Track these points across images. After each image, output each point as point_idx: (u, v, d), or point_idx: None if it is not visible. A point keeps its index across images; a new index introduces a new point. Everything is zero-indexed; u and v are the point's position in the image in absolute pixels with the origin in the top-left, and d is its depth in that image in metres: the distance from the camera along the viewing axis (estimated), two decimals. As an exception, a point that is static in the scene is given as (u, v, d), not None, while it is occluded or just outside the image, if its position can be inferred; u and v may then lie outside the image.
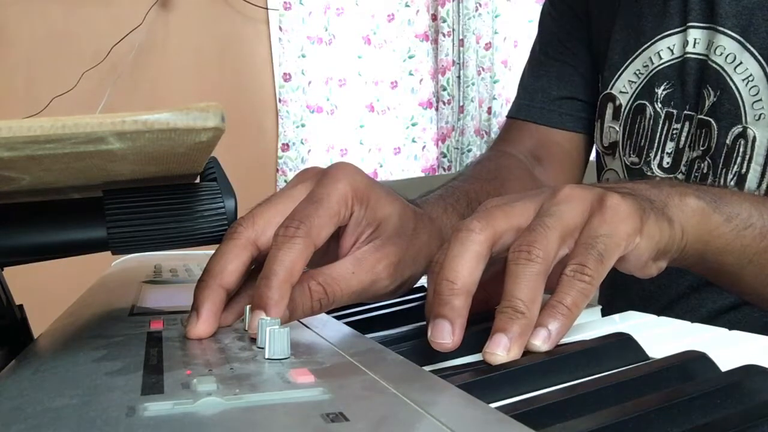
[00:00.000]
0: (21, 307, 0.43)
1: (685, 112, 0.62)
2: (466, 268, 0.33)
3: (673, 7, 0.63)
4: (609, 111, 0.69)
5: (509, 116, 0.80)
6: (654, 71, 0.64)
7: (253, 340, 0.33)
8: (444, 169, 2.28)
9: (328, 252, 0.39)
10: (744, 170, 0.57)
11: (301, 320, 0.39)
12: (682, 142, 0.62)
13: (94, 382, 0.26)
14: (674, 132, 0.63)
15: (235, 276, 0.36)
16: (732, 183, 0.58)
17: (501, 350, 0.30)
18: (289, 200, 0.37)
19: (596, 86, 0.73)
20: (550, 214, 0.34)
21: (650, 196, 0.38)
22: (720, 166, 0.59)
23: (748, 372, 0.26)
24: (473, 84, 2.24)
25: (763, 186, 0.57)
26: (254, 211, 0.37)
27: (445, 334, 0.31)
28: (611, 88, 0.68)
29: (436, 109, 2.27)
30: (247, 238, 0.36)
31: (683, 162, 0.62)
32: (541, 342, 0.31)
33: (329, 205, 0.36)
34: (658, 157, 0.65)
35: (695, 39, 0.61)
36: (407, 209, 0.41)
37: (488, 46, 2.27)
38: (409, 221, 0.41)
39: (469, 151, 2.27)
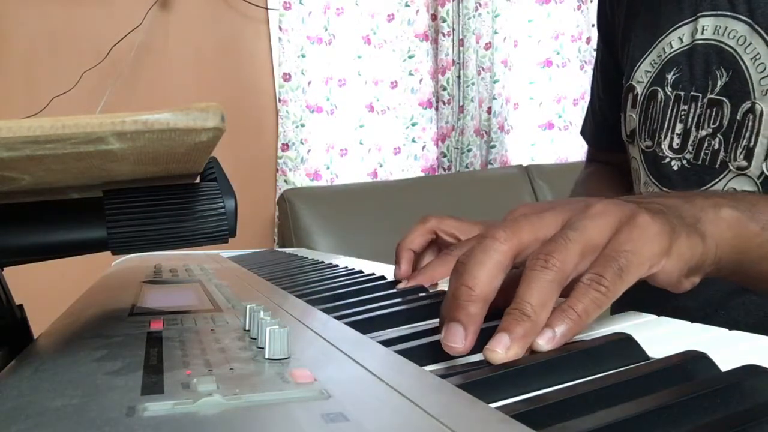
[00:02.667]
0: (21, 307, 0.43)
1: (692, 93, 0.67)
2: (485, 275, 0.34)
3: (686, 1, 0.68)
4: (629, 101, 0.75)
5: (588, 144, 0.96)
6: (666, 59, 0.70)
7: (254, 339, 0.33)
8: (444, 169, 2.28)
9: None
10: (752, 144, 0.61)
11: (301, 320, 0.39)
12: (689, 123, 0.67)
13: (94, 382, 0.26)
14: (682, 113, 0.68)
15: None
16: (741, 157, 0.62)
17: (500, 348, 0.30)
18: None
19: None
20: (575, 228, 0.34)
21: (682, 212, 0.38)
22: (731, 141, 0.63)
23: (748, 372, 0.26)
24: (473, 84, 2.24)
25: None
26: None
27: (458, 338, 0.32)
28: (631, 79, 0.74)
29: (436, 109, 2.27)
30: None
31: (690, 141, 0.67)
32: (544, 342, 0.32)
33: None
34: (668, 139, 0.69)
35: (704, 26, 0.66)
36: None
37: (488, 46, 2.27)
38: None
39: (468, 150, 2.27)
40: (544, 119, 2.41)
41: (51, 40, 1.88)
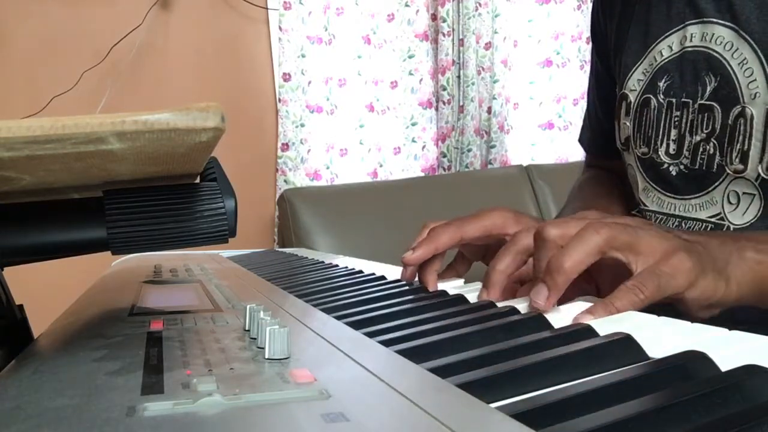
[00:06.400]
0: (21, 307, 0.43)
1: (683, 100, 0.68)
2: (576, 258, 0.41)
3: (674, 10, 0.70)
4: (623, 109, 0.76)
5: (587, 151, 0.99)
6: (657, 68, 0.71)
7: (254, 339, 0.33)
8: (444, 169, 2.28)
9: None
10: (746, 147, 0.62)
11: (301, 320, 0.39)
12: (683, 128, 0.68)
13: (94, 382, 0.26)
14: (676, 119, 0.69)
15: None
16: (737, 160, 0.63)
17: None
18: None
19: None
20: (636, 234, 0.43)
21: (717, 255, 0.45)
22: (725, 145, 0.64)
23: (748, 372, 0.26)
24: (473, 84, 2.24)
25: (765, 160, 0.60)
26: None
27: (542, 297, 0.41)
28: (624, 88, 0.75)
29: (436, 109, 2.27)
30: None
31: (685, 146, 0.68)
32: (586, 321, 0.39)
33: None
34: (664, 145, 0.70)
35: (692, 34, 0.67)
36: None
37: (488, 46, 2.27)
38: None
39: (469, 150, 2.27)
40: (544, 119, 2.41)
41: (51, 40, 1.88)
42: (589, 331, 0.35)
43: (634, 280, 0.41)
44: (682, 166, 0.68)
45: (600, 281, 0.50)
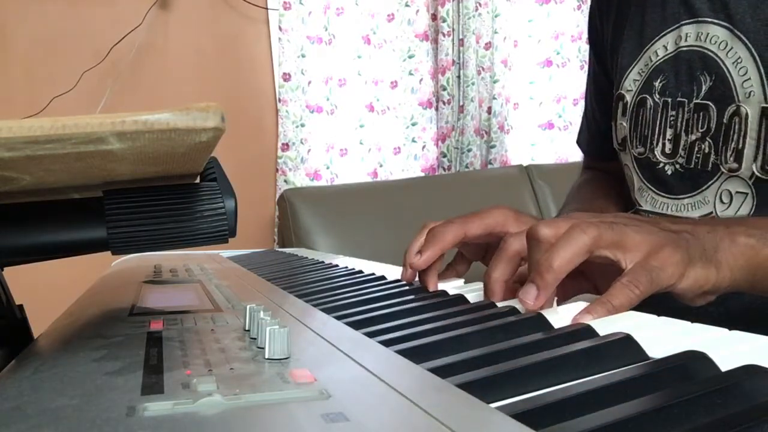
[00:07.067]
0: (21, 307, 0.43)
1: (678, 99, 0.68)
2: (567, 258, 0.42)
3: (668, 10, 0.70)
4: (619, 109, 0.76)
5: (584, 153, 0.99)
6: (652, 68, 0.71)
7: (254, 339, 0.33)
8: (444, 169, 2.28)
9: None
10: (741, 146, 0.62)
11: (301, 320, 0.39)
12: (679, 128, 0.68)
13: (94, 382, 0.26)
14: (671, 119, 0.69)
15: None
16: (731, 159, 0.63)
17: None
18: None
19: None
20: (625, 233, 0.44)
21: (705, 242, 0.45)
22: (720, 144, 0.64)
23: (748, 372, 0.26)
24: (473, 84, 2.24)
25: (759, 158, 0.61)
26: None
27: (531, 296, 0.41)
28: (621, 88, 0.76)
29: (436, 109, 2.27)
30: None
31: (681, 146, 0.68)
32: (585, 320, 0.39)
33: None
34: (660, 144, 0.71)
35: (687, 33, 0.67)
36: None
37: (488, 46, 2.27)
38: None
39: (469, 150, 2.26)
40: (544, 119, 2.41)
41: (51, 40, 1.88)
42: (588, 331, 0.35)
43: (627, 276, 0.41)
44: (677, 166, 0.69)
45: (596, 280, 0.50)
